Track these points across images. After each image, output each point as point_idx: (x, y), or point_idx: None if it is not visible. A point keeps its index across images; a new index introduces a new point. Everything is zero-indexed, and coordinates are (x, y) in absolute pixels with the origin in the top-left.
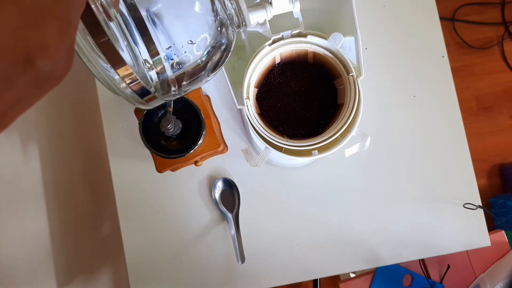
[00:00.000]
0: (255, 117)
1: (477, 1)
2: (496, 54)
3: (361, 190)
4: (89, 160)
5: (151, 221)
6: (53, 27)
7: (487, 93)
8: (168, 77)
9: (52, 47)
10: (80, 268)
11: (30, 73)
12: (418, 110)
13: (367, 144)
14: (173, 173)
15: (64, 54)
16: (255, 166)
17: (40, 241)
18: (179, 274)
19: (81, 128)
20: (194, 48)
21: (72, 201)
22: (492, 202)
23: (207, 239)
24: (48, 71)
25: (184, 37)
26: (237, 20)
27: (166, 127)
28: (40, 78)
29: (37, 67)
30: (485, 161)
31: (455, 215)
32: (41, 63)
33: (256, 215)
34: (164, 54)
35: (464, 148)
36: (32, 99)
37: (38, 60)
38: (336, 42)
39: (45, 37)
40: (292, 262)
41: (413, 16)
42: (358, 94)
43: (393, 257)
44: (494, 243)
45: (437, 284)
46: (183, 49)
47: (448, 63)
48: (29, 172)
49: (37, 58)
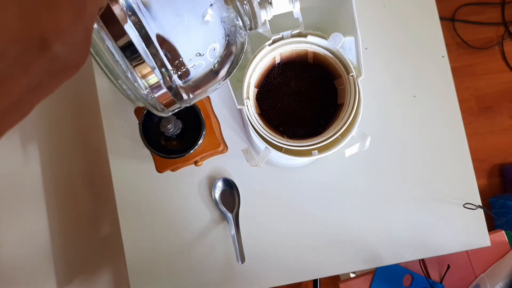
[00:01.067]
0: (255, 117)
1: (477, 1)
2: (496, 54)
3: (361, 190)
4: (89, 160)
5: (151, 221)
6: (67, 10)
7: (487, 93)
8: (181, 86)
9: (67, 31)
10: (80, 268)
11: (46, 57)
12: (418, 110)
13: (367, 144)
14: (173, 173)
15: (80, 42)
16: (255, 166)
17: (40, 241)
18: (179, 274)
19: (81, 128)
20: (207, 56)
21: (72, 201)
22: (492, 202)
23: (207, 239)
24: (63, 56)
25: (194, 48)
26: (249, 24)
27: (166, 127)
28: (56, 63)
29: (53, 51)
30: (485, 161)
31: (455, 215)
32: (56, 47)
33: (256, 215)
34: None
35: (464, 148)
36: (48, 88)
37: (53, 43)
38: (336, 42)
39: (60, 21)
40: (292, 262)
41: (413, 16)
42: (358, 94)
43: (393, 257)
44: (494, 243)
45: (437, 284)
46: (193, 60)
47: (448, 63)
48: (29, 172)
49: (52, 41)
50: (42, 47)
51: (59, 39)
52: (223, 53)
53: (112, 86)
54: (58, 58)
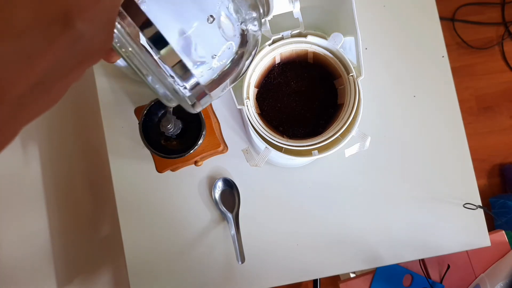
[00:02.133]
0: (255, 117)
1: (477, 1)
2: (496, 54)
3: (361, 190)
4: (89, 160)
5: (151, 221)
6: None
7: (487, 93)
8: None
9: (89, 9)
10: (80, 268)
11: (69, 35)
12: (418, 110)
13: (367, 144)
14: (173, 173)
15: (103, 26)
16: (255, 166)
17: (40, 241)
18: (179, 274)
19: (81, 128)
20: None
21: (72, 201)
22: (492, 202)
23: (207, 239)
24: (87, 37)
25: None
26: (262, 11)
27: (166, 127)
28: (79, 44)
29: (76, 28)
30: (485, 161)
31: (455, 215)
32: (79, 24)
33: (256, 215)
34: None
35: (464, 148)
36: (74, 71)
37: (76, 20)
38: (336, 42)
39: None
40: (292, 262)
41: (413, 16)
42: (358, 94)
43: (393, 257)
44: (494, 243)
45: (437, 284)
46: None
47: (448, 63)
48: (29, 172)
49: (75, 18)
50: (65, 23)
51: (81, 16)
52: (242, 43)
53: (112, 86)
54: (81, 38)
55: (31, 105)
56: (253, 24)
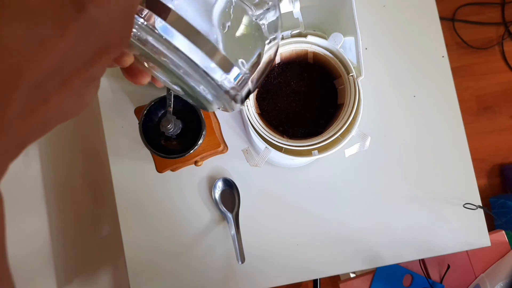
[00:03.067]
0: (255, 117)
1: (477, 1)
2: (496, 54)
3: (361, 190)
4: (89, 160)
5: (151, 221)
6: None
7: (487, 93)
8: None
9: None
10: (80, 268)
11: (82, 20)
12: (418, 110)
13: (367, 144)
14: (173, 173)
15: (121, 18)
16: (255, 166)
17: (40, 241)
18: (179, 274)
19: (81, 128)
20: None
21: (72, 201)
22: (492, 202)
23: (207, 239)
24: (100, 24)
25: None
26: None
27: (166, 127)
28: (93, 32)
29: (88, 13)
30: (485, 161)
31: (455, 215)
32: (93, 10)
33: (256, 215)
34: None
35: (464, 148)
36: (89, 64)
37: (89, 5)
38: (336, 42)
39: None
40: (292, 262)
41: (413, 16)
42: (358, 94)
43: (393, 257)
44: (494, 243)
45: (437, 284)
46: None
47: (448, 63)
48: (29, 172)
49: (89, 2)
50: (78, 8)
51: (95, 1)
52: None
53: (112, 86)
54: (94, 25)
55: (53, 99)
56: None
